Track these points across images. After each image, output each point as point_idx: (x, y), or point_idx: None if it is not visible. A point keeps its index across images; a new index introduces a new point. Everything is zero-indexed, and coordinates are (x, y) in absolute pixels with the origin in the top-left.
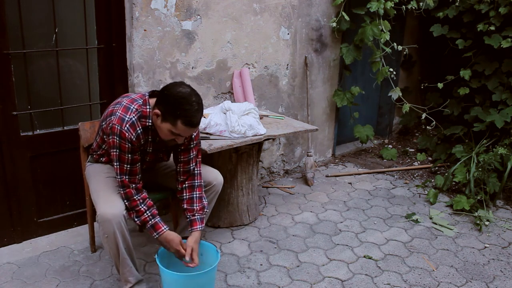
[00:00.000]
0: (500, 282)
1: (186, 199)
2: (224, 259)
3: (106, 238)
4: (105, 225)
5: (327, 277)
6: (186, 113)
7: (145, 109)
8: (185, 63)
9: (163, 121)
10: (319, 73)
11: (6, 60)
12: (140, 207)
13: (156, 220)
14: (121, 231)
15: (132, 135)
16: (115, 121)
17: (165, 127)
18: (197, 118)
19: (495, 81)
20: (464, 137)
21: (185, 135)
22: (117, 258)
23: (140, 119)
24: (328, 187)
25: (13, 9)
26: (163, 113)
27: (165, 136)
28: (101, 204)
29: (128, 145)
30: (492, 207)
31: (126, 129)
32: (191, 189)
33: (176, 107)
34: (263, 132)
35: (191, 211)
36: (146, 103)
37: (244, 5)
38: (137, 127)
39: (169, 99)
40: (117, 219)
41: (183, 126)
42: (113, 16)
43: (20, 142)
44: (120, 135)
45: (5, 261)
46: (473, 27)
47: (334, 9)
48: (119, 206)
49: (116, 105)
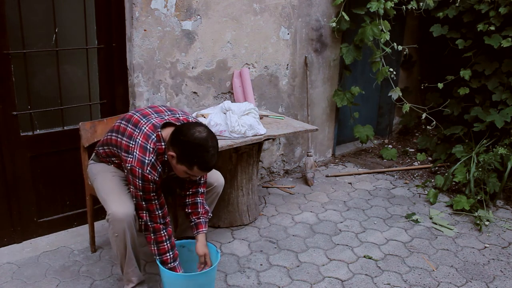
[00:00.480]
0: (500, 282)
1: (190, 204)
2: (224, 259)
3: (115, 237)
4: (116, 224)
5: (327, 277)
6: (203, 160)
7: (160, 146)
8: (185, 63)
9: (179, 163)
10: (319, 73)
11: (6, 60)
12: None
13: (174, 264)
14: (131, 231)
15: (155, 176)
16: (135, 164)
17: (180, 169)
18: (213, 163)
19: (495, 81)
20: (464, 137)
21: (199, 175)
22: (123, 257)
23: (158, 156)
24: (328, 187)
25: (13, 9)
26: (179, 155)
27: (180, 175)
28: (112, 203)
29: (152, 185)
30: (492, 207)
31: (148, 171)
32: (194, 195)
33: (193, 154)
34: (263, 132)
35: (196, 214)
36: (160, 139)
37: (244, 5)
38: (158, 167)
39: (185, 145)
40: (128, 219)
41: (199, 170)
42: (113, 16)
43: (20, 142)
44: (143, 178)
45: (5, 261)
46: (473, 27)
47: (334, 9)
48: (130, 206)
49: (130, 141)
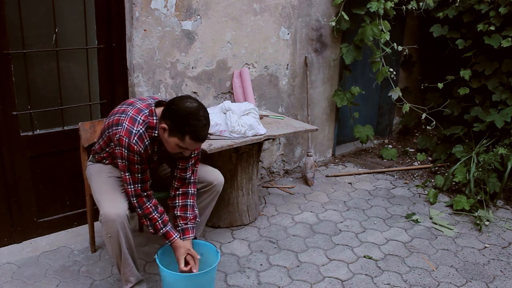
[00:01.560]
0: (500, 282)
1: (180, 206)
2: (224, 259)
3: (109, 238)
4: (109, 225)
5: (327, 277)
6: (194, 128)
7: (151, 120)
8: (185, 63)
9: (171, 136)
10: (319, 73)
11: (6, 60)
12: (154, 214)
13: (167, 229)
14: (124, 231)
15: (141, 148)
16: (123, 133)
17: (172, 141)
18: (204, 133)
19: (495, 81)
20: (464, 137)
21: (192, 149)
22: (119, 258)
23: (147, 130)
24: (328, 187)
25: (13, 9)
26: (171, 127)
27: (172, 150)
28: (104, 204)
29: (137, 157)
30: (492, 207)
31: (134, 141)
32: (184, 196)
33: (185, 122)
34: (263, 132)
35: (184, 219)
36: (152, 113)
37: (244, 5)
38: (145, 139)
39: (177, 114)
40: (120, 219)
41: (191, 140)
42: (113, 16)
43: (20, 142)
44: (129, 148)
45: (5, 261)
46: (473, 27)
47: (334, 9)
48: (123, 206)
49: (122, 115)
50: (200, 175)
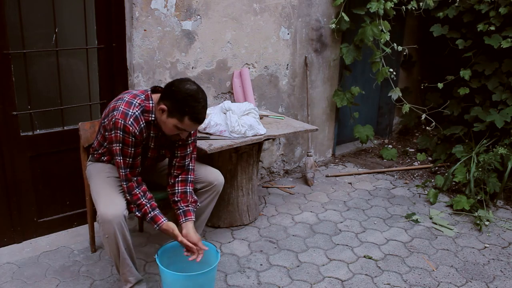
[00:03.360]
0: (500, 282)
1: (179, 192)
2: (224, 259)
3: (106, 238)
4: (106, 225)
5: (327, 277)
6: (193, 110)
7: (148, 104)
8: (185, 63)
9: (169, 117)
10: (319, 73)
11: (6, 60)
12: (142, 200)
13: (156, 213)
14: (121, 231)
15: (136, 129)
16: (119, 116)
17: (170, 122)
18: (203, 115)
19: (495, 81)
20: (464, 137)
21: (189, 130)
22: (117, 258)
23: (143, 113)
24: (328, 187)
25: (13, 9)
26: (170, 108)
27: (170, 131)
28: (101, 204)
29: (132, 139)
30: (492, 207)
31: (130, 123)
32: (184, 183)
33: (184, 103)
34: (263, 132)
35: (185, 202)
36: (148, 98)
37: (244, 5)
38: (141, 121)
39: (177, 95)
40: (117, 220)
41: (189, 122)
42: (113, 16)
43: (20, 142)
44: (124, 129)
45: (5, 261)
46: (473, 27)
47: (334, 9)
48: (120, 206)
49: (118, 101)
50: (200, 175)
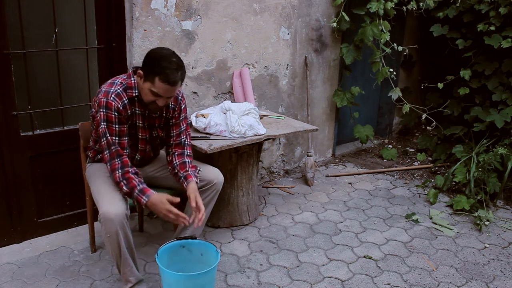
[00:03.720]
0: (500, 282)
1: (178, 164)
2: (224, 259)
3: (108, 238)
4: (108, 224)
5: (327, 277)
6: (164, 70)
7: (130, 81)
8: (185, 63)
9: (145, 81)
10: (319, 73)
11: (6, 60)
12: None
13: (144, 186)
14: (123, 230)
15: (119, 104)
16: (101, 96)
17: (146, 87)
18: (174, 76)
19: (495, 81)
20: (464, 137)
21: (164, 95)
22: (118, 257)
23: (127, 90)
24: (328, 187)
25: (13, 9)
26: (145, 72)
27: (147, 97)
28: (103, 203)
29: (115, 114)
30: (492, 207)
31: (112, 99)
32: (181, 156)
33: (155, 64)
34: (263, 132)
35: (183, 169)
36: (130, 76)
37: (244, 5)
38: (123, 97)
39: (149, 57)
40: (119, 218)
41: (160, 83)
42: (113, 16)
43: (20, 142)
44: (107, 105)
45: (5, 261)
46: (473, 27)
47: (334, 9)
48: (122, 205)
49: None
50: (200, 174)
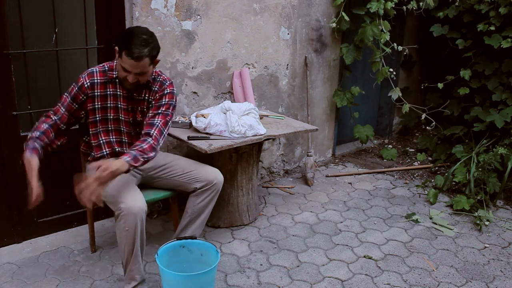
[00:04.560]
0: (500, 282)
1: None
2: (224, 259)
3: (126, 232)
4: (129, 218)
5: (327, 277)
6: (129, 45)
7: (112, 63)
8: (185, 63)
9: (118, 57)
10: (319, 73)
11: (6, 60)
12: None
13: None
14: (142, 225)
15: (85, 81)
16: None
17: (119, 64)
18: (139, 52)
19: (495, 81)
20: (464, 137)
21: (132, 71)
22: (130, 253)
23: (108, 72)
24: (328, 187)
25: (13, 9)
26: (118, 49)
27: (120, 73)
28: (124, 198)
29: (76, 90)
30: (492, 207)
31: (83, 76)
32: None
33: (124, 39)
34: (263, 132)
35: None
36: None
37: (244, 5)
38: (96, 76)
39: (122, 33)
40: (141, 213)
41: (126, 58)
42: (113, 16)
43: (20, 142)
44: (77, 80)
45: (5, 261)
46: (473, 27)
47: (334, 9)
48: (143, 200)
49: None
50: (200, 174)
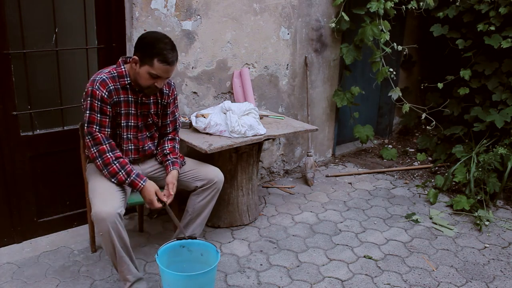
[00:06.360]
0: (500, 282)
1: (169, 147)
2: (224, 259)
3: (101, 236)
4: (100, 223)
5: (327, 277)
6: (161, 51)
7: (120, 69)
8: (185, 63)
9: (142, 65)
10: (319, 73)
11: (6, 60)
12: (123, 159)
13: (132, 178)
14: (116, 229)
15: (103, 92)
16: (89, 85)
17: (144, 71)
18: (171, 56)
19: (495, 81)
20: (464, 137)
21: (163, 75)
22: (113, 256)
23: (119, 79)
24: (328, 187)
25: (13, 9)
26: (140, 57)
27: (145, 81)
28: (96, 202)
29: (98, 103)
30: (492, 207)
31: (96, 87)
32: (173, 141)
33: (152, 46)
34: (263, 132)
35: (174, 155)
36: (120, 64)
37: (244, 5)
38: (109, 84)
39: (144, 41)
40: (111, 218)
41: (159, 64)
42: (113, 16)
43: (20, 142)
44: (92, 94)
45: (5, 261)
46: (473, 27)
47: (334, 9)
48: (114, 204)
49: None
50: (201, 173)
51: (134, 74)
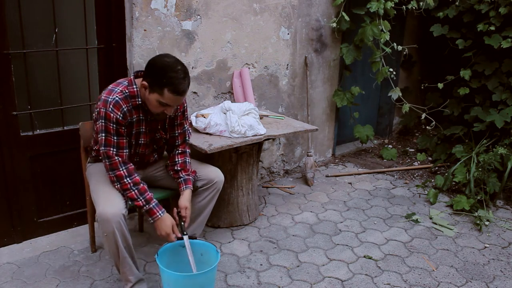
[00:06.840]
0: (500, 282)
1: (180, 163)
2: (224, 259)
3: (105, 237)
4: (104, 224)
5: (327, 277)
6: (172, 81)
7: (132, 89)
8: (185, 63)
9: (151, 92)
10: (319, 73)
11: (6, 60)
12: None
13: (151, 206)
14: (120, 230)
15: (117, 114)
16: (101, 105)
17: (153, 98)
18: (183, 86)
19: (495, 81)
20: (464, 137)
21: (173, 105)
22: (117, 257)
23: (130, 99)
24: (328, 187)
25: (13, 9)
26: (150, 83)
27: (155, 108)
28: (100, 203)
29: (113, 126)
30: (492, 207)
31: (110, 109)
32: (183, 155)
33: (162, 75)
34: (263, 132)
35: (186, 171)
36: (131, 83)
37: (244, 5)
38: (123, 106)
39: (154, 68)
40: (116, 219)
41: (169, 94)
42: (113, 16)
43: (20, 142)
44: (106, 116)
45: (5, 261)
46: (473, 27)
47: (334, 9)
48: (119, 205)
49: (102, 92)
50: (201, 173)
51: (143, 97)
